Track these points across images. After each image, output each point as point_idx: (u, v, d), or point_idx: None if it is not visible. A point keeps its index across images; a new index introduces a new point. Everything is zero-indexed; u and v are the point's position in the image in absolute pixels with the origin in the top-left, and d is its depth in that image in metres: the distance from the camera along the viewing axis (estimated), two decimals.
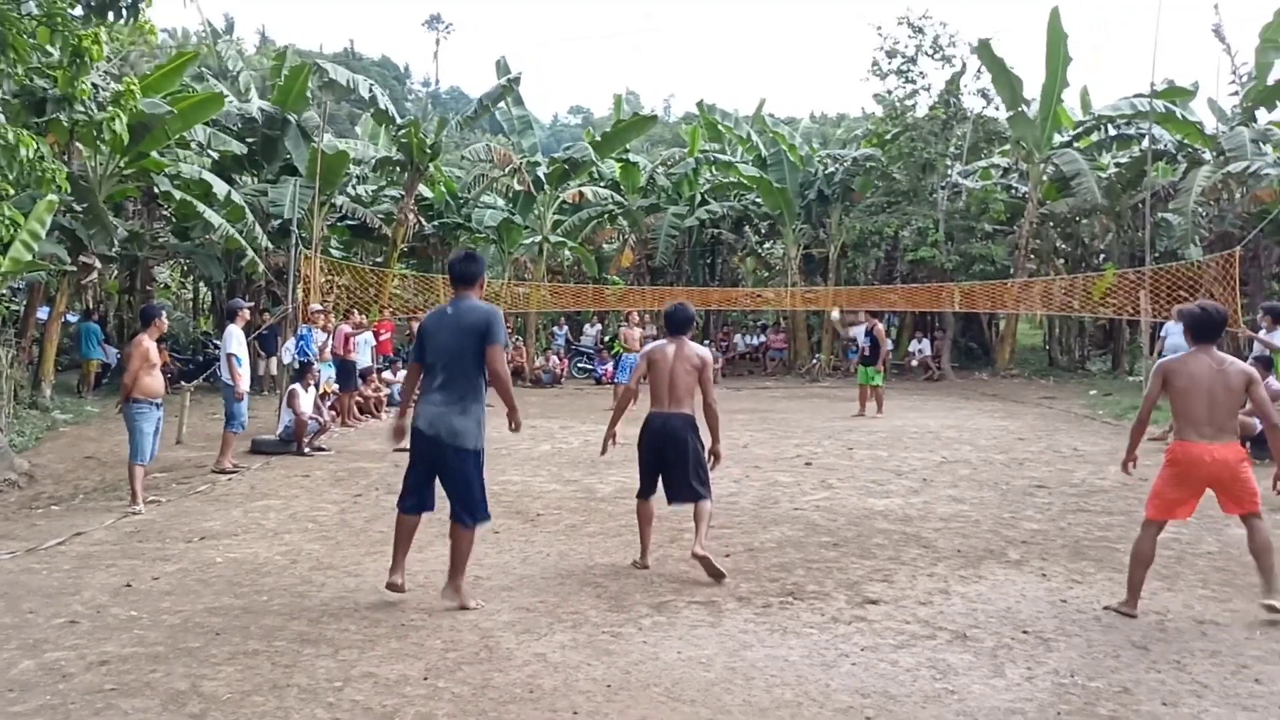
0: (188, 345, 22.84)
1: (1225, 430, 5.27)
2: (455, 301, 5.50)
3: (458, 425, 5.31)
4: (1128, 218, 23.63)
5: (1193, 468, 5.28)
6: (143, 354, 8.42)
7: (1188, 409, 5.29)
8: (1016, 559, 6.61)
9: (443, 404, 5.33)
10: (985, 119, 24.90)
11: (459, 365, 5.35)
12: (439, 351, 5.41)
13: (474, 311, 5.41)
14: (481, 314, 5.39)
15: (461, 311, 5.42)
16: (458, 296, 5.52)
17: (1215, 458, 5.21)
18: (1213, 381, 5.25)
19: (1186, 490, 5.36)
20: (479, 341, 5.32)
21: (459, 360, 5.35)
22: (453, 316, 5.44)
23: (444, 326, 5.45)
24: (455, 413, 5.31)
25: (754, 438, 13.12)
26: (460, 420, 5.31)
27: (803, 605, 5.55)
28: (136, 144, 15.31)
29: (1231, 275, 15.53)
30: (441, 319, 5.51)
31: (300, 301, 14.52)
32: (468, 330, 5.34)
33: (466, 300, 5.48)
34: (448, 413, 5.31)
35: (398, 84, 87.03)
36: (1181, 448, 5.32)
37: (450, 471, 5.37)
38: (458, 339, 5.36)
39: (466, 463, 5.35)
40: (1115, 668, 4.56)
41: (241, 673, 4.46)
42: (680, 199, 28.71)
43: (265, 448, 11.63)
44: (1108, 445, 12.26)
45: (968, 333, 28.14)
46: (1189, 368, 5.33)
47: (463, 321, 5.38)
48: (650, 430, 6.43)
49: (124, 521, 7.89)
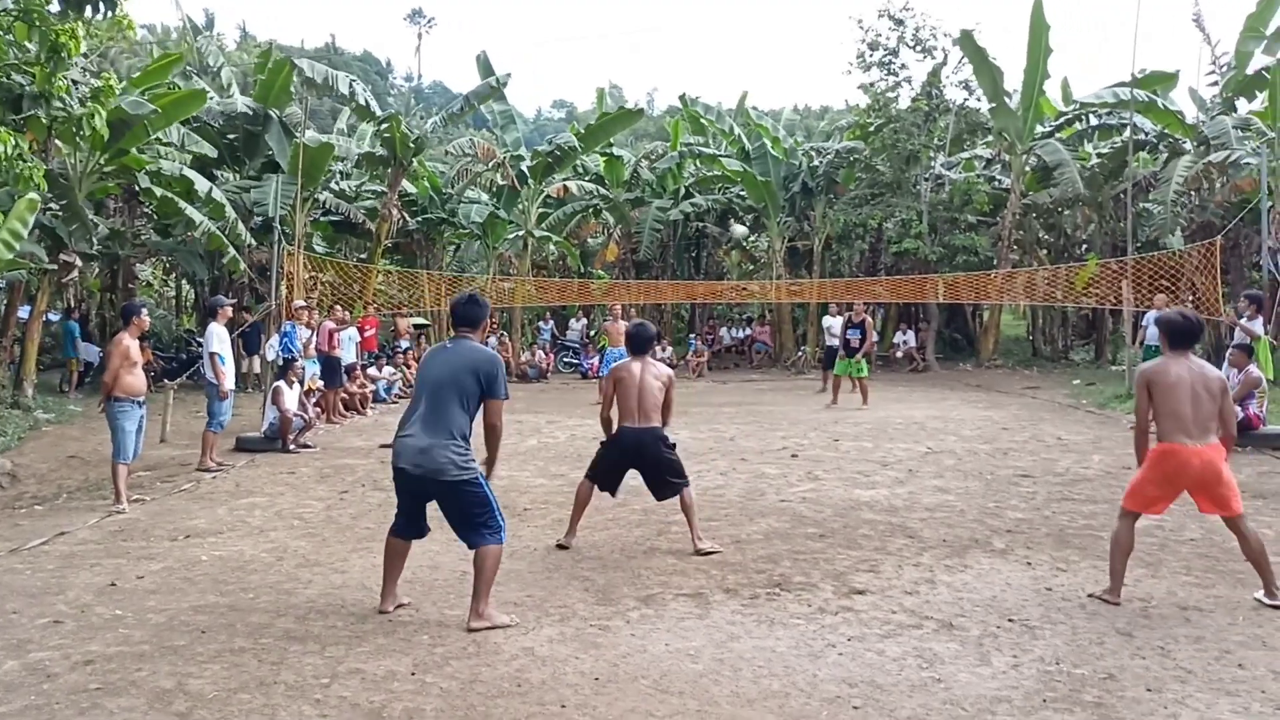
0: (170, 343, 22.71)
1: (1209, 431, 5.29)
2: (458, 340, 5.31)
3: (446, 456, 4.99)
4: (1110, 208, 23.77)
5: (1181, 469, 5.29)
6: (122, 352, 8.37)
7: (1174, 411, 5.28)
8: (1001, 548, 6.64)
9: (425, 436, 5.02)
10: (968, 110, 24.98)
11: (447, 399, 5.06)
12: (429, 384, 5.16)
13: (476, 352, 5.18)
14: (484, 358, 5.16)
15: (461, 349, 5.20)
16: (460, 335, 5.33)
17: (1203, 460, 5.24)
18: (1194, 382, 5.28)
19: (1168, 490, 5.39)
20: (474, 382, 5.08)
21: (448, 392, 5.07)
22: (450, 352, 5.23)
23: (437, 360, 5.25)
24: (440, 445, 4.99)
25: (740, 430, 13.15)
26: (447, 452, 4.99)
27: (790, 596, 5.57)
28: (117, 141, 15.18)
29: (1213, 264, 15.64)
30: (438, 353, 5.34)
31: (284, 298, 14.45)
32: (464, 367, 5.10)
33: (466, 341, 5.27)
34: (433, 446, 4.98)
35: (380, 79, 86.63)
36: (1169, 450, 5.31)
37: (447, 504, 5.12)
38: (450, 372, 5.11)
39: (473, 495, 5.07)
40: (1100, 654, 4.60)
41: (228, 670, 4.44)
42: (664, 192, 28.69)
43: (250, 445, 11.58)
44: (1091, 434, 12.33)
45: (952, 324, 28.24)
46: (1171, 370, 5.34)
47: (462, 357, 5.14)
48: (622, 445, 6.80)
49: (108, 520, 7.84)
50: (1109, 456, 10.49)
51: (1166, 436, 5.33)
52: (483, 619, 5.01)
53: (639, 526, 7.42)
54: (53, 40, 9.38)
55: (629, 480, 6.83)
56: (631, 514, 7.84)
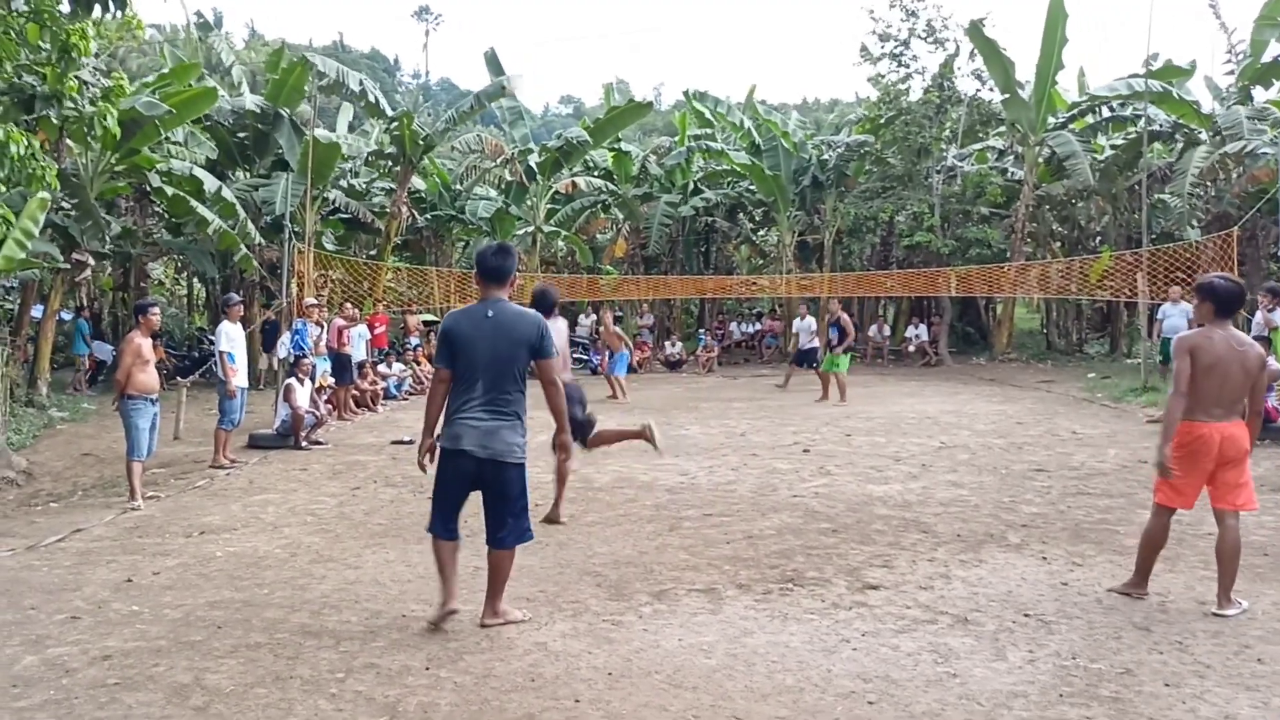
0: (183, 341, 22.81)
1: (1233, 411, 5.12)
2: (491, 303, 4.90)
3: (511, 439, 4.82)
4: (1124, 199, 23.61)
5: (1201, 447, 5.09)
6: (134, 350, 8.42)
7: (1203, 387, 5.07)
8: (1017, 543, 6.61)
9: (491, 419, 4.78)
10: (980, 102, 24.83)
11: (504, 378, 4.80)
12: (479, 361, 4.80)
13: (522, 320, 4.87)
14: (530, 324, 4.86)
15: (505, 318, 4.84)
16: (491, 297, 4.93)
17: (1224, 435, 5.06)
18: (1231, 361, 5.06)
19: (1194, 474, 5.16)
20: (526, 353, 4.83)
21: (504, 372, 4.80)
22: (493, 322, 4.82)
23: (482, 332, 4.82)
24: (507, 427, 4.80)
25: (751, 425, 13.12)
26: (512, 435, 4.82)
27: (803, 591, 5.55)
28: (128, 140, 15.24)
29: (1229, 256, 15.53)
30: (478, 324, 4.86)
31: (295, 296, 14.49)
32: (518, 340, 4.81)
33: (505, 304, 4.92)
34: (500, 428, 4.78)
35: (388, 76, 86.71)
36: (1189, 428, 5.11)
37: (502, 492, 4.86)
38: (505, 348, 4.80)
39: (520, 478, 4.90)
40: (1117, 649, 4.57)
41: (244, 665, 4.45)
42: (673, 187, 28.65)
43: (263, 442, 11.62)
44: (1107, 428, 12.27)
45: (965, 317, 28.14)
46: (1214, 345, 5.10)
47: (510, 331, 4.81)
48: None
49: (123, 517, 7.88)
50: (1125, 450, 10.43)
51: (1187, 414, 5.13)
52: (498, 615, 4.95)
53: (650, 522, 7.41)
54: (63, 41, 9.41)
55: (640, 476, 6.83)
56: (643, 509, 7.84)
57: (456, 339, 4.86)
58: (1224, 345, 5.11)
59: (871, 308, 28.03)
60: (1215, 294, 5.20)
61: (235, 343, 10.47)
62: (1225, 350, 5.09)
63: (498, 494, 4.87)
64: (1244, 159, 19.07)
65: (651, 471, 9.59)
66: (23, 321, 15.92)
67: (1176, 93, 21.52)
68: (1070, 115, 23.81)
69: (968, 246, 23.45)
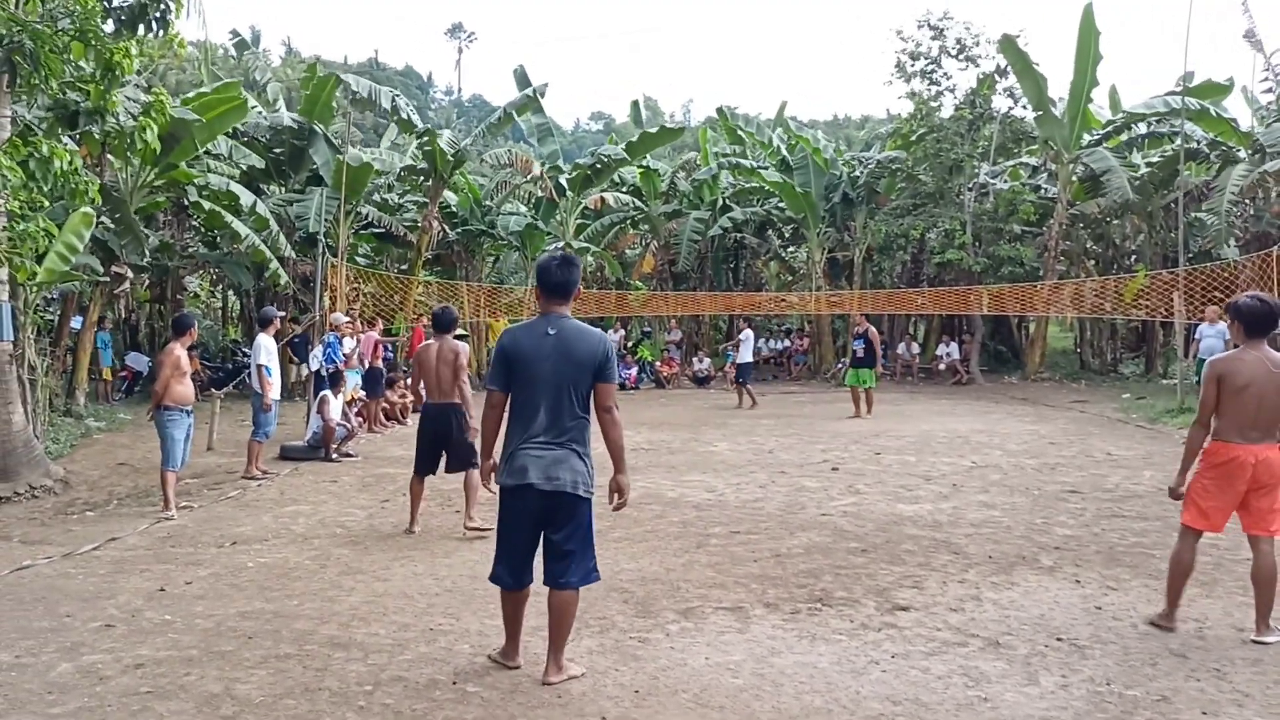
0: (217, 353, 23.08)
1: (1269, 435, 5.01)
2: (553, 319, 4.48)
3: (579, 468, 4.42)
4: (1160, 218, 23.33)
5: (1235, 469, 5.00)
6: (173, 362, 8.53)
7: (1237, 410, 4.99)
8: (1049, 565, 6.53)
9: (556, 447, 4.38)
10: (1012, 119, 24.67)
11: (567, 402, 4.40)
12: (539, 384, 4.40)
13: (585, 339, 4.43)
14: (595, 344, 4.44)
15: (568, 336, 4.42)
16: (553, 312, 4.50)
17: (1259, 458, 4.97)
18: (1266, 383, 4.96)
19: (1225, 496, 5.08)
20: (591, 376, 4.42)
21: (567, 396, 4.40)
22: (555, 341, 4.40)
23: (544, 353, 4.40)
24: (575, 455, 4.41)
25: (780, 443, 13.07)
26: (580, 463, 4.43)
27: (831, 612, 5.51)
28: (166, 155, 15.48)
29: (1269, 276, 15.30)
30: (539, 342, 4.42)
31: (326, 309, 14.64)
32: (581, 362, 4.40)
33: (568, 320, 4.49)
34: (566, 457, 4.38)
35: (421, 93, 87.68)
36: (1223, 448, 5.04)
37: (569, 526, 4.44)
38: (567, 370, 4.39)
39: (587, 513, 4.50)
40: (1153, 676, 4.49)
41: (274, 676, 4.48)
42: (702, 204, 28.69)
43: (294, 454, 11.72)
44: (1142, 450, 12.11)
45: (997, 336, 27.88)
46: (1246, 367, 5.00)
47: (572, 351, 4.39)
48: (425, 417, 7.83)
49: (157, 527, 7.98)
50: (1160, 472, 10.27)
51: (1220, 435, 5.06)
52: (562, 671, 4.47)
53: (677, 539, 7.39)
54: (107, 59, 9.59)
55: (666, 492, 6.86)
56: (670, 526, 7.82)
57: (515, 359, 4.44)
58: (1259, 366, 5.00)
59: (902, 325, 27.87)
60: (1242, 314, 5.12)
61: (272, 356, 10.60)
62: (1260, 372, 4.99)
63: (563, 530, 4.44)
64: None
65: (679, 488, 9.57)
66: (62, 333, 16.19)
67: (1214, 110, 21.28)
68: (1105, 132, 23.61)
69: (1000, 264, 23.25)
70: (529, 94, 23.06)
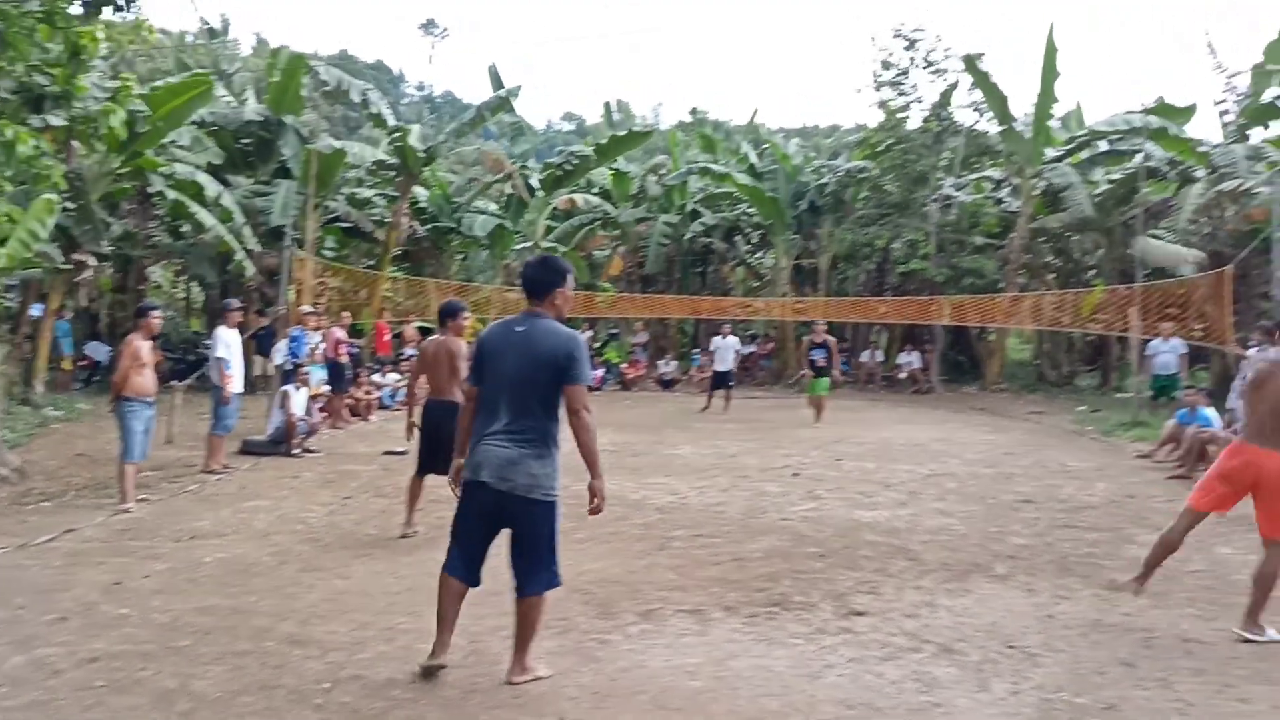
0: (179, 345, 22.80)
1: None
2: (527, 317, 4.48)
3: (535, 470, 4.33)
4: (1118, 234, 23.76)
5: (1251, 469, 5.28)
6: (133, 353, 8.44)
7: (1265, 414, 5.26)
8: (1003, 573, 6.65)
9: (512, 446, 4.32)
10: (977, 133, 25.03)
11: (528, 401, 4.35)
12: (503, 380, 4.38)
13: (551, 336, 4.37)
14: (560, 341, 4.35)
15: (535, 332, 4.40)
16: (530, 311, 4.51)
17: (1277, 466, 5.22)
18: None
19: (1236, 487, 5.39)
20: (555, 375, 4.34)
21: (527, 394, 4.35)
22: (522, 336, 4.41)
23: (510, 348, 4.41)
24: (530, 456, 4.33)
25: (742, 447, 13.16)
26: (538, 464, 4.34)
27: (789, 616, 5.58)
28: (132, 143, 15.29)
29: (1223, 293, 15.64)
30: (508, 337, 4.46)
31: (292, 303, 14.53)
32: (542, 359, 4.33)
33: (541, 319, 4.45)
34: (522, 457, 4.32)
35: (392, 87, 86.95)
36: (1242, 448, 5.35)
37: (525, 530, 4.39)
38: (528, 368, 4.34)
39: (547, 517, 4.40)
40: (1101, 684, 4.60)
41: (230, 672, 4.47)
42: (671, 207, 28.80)
43: (255, 448, 11.62)
44: (1096, 462, 12.32)
45: (957, 346, 28.22)
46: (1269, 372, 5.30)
47: (536, 346, 4.36)
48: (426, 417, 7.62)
49: (114, 519, 7.89)
50: (1113, 484, 10.48)
51: (1246, 436, 5.37)
52: (526, 671, 4.47)
53: (640, 541, 7.43)
54: (74, 42, 9.48)
55: (630, 494, 6.87)
56: (633, 528, 7.86)
57: (484, 353, 4.51)
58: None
59: (865, 333, 28.13)
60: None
61: (232, 349, 10.50)
62: None
63: (519, 534, 4.40)
64: (1239, 197, 19.21)
65: (642, 490, 9.62)
66: (21, 320, 15.93)
67: (1173, 130, 21.71)
68: (1067, 149, 24.00)
69: (962, 276, 23.56)
70: (502, 95, 23.04)
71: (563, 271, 4.62)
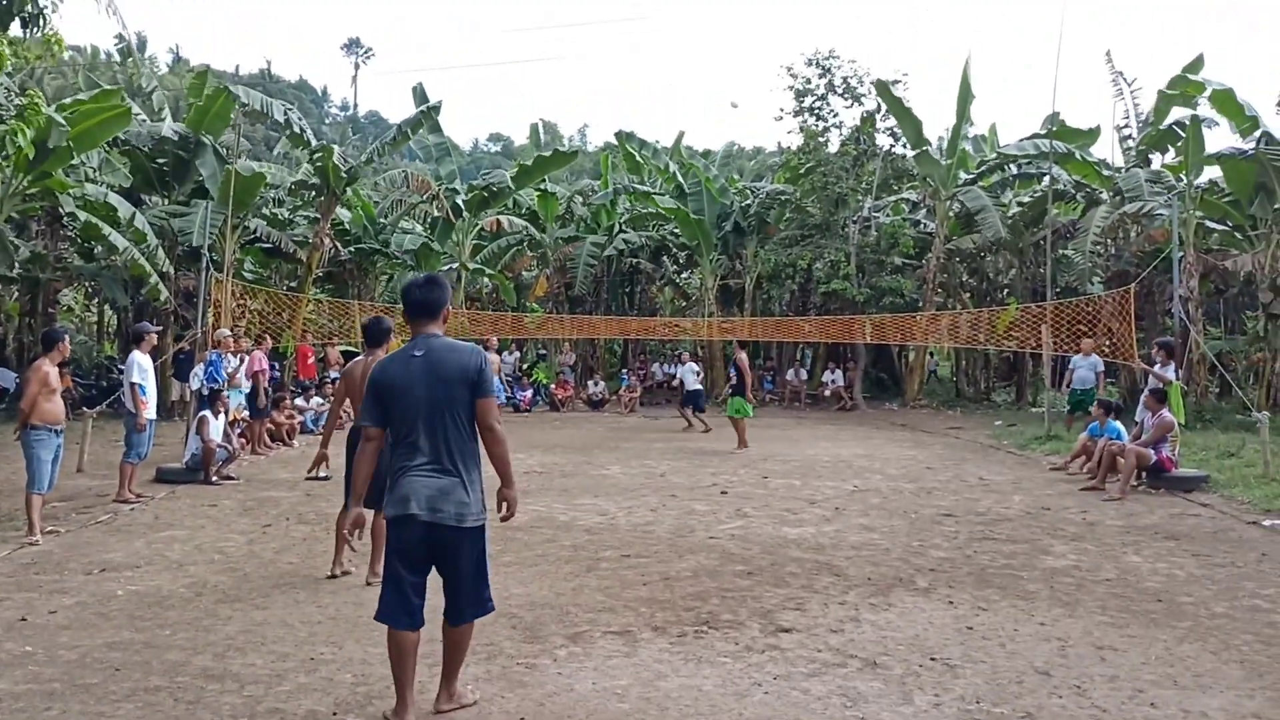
0: (90, 370, 22.09)
1: None
2: (420, 340, 4.31)
3: (464, 498, 4.17)
4: (1030, 254, 24.55)
5: None
6: (41, 378, 8.14)
7: None
8: (925, 587, 6.77)
9: (439, 475, 4.17)
10: (894, 156, 25.67)
11: (446, 424, 4.18)
12: (415, 411, 4.19)
13: (455, 354, 4.24)
14: (465, 358, 4.23)
15: (436, 354, 4.22)
16: (421, 333, 4.35)
17: None
18: None
19: None
20: (468, 392, 4.19)
21: (444, 418, 4.18)
22: (423, 361, 4.22)
23: (414, 377, 4.21)
24: (459, 484, 4.17)
25: (671, 466, 13.21)
26: (465, 491, 4.18)
27: (717, 634, 5.61)
28: (40, 162, 14.82)
29: (1127, 311, 16.25)
30: (408, 366, 4.24)
31: (210, 326, 14.19)
32: (452, 378, 4.18)
33: (437, 338, 4.31)
34: (452, 485, 4.16)
35: (315, 107, 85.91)
36: None
37: (459, 561, 4.23)
38: (441, 390, 4.17)
39: (477, 546, 4.26)
40: (1019, 693, 4.71)
41: (142, 710, 4.32)
42: (599, 228, 28.89)
43: (171, 476, 11.29)
44: (1012, 475, 12.65)
45: (878, 364, 28.78)
46: None
47: (442, 368, 4.19)
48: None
49: (20, 553, 7.57)
50: (1029, 497, 10.77)
51: None
52: (454, 699, 4.38)
53: (568, 563, 7.40)
54: None
55: (559, 515, 6.83)
56: (561, 550, 7.82)
57: (386, 389, 4.25)
58: None
59: (790, 352, 28.53)
60: None
61: (146, 374, 10.19)
62: None
63: (453, 564, 4.24)
64: (1141, 219, 20.03)
65: (570, 511, 9.58)
66: None
67: (1079, 154, 22.55)
68: (979, 172, 24.76)
69: (882, 295, 24.09)
70: (424, 109, 22.91)
71: (448, 287, 4.53)
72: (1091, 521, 9.26)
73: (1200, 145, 18.90)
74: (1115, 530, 8.83)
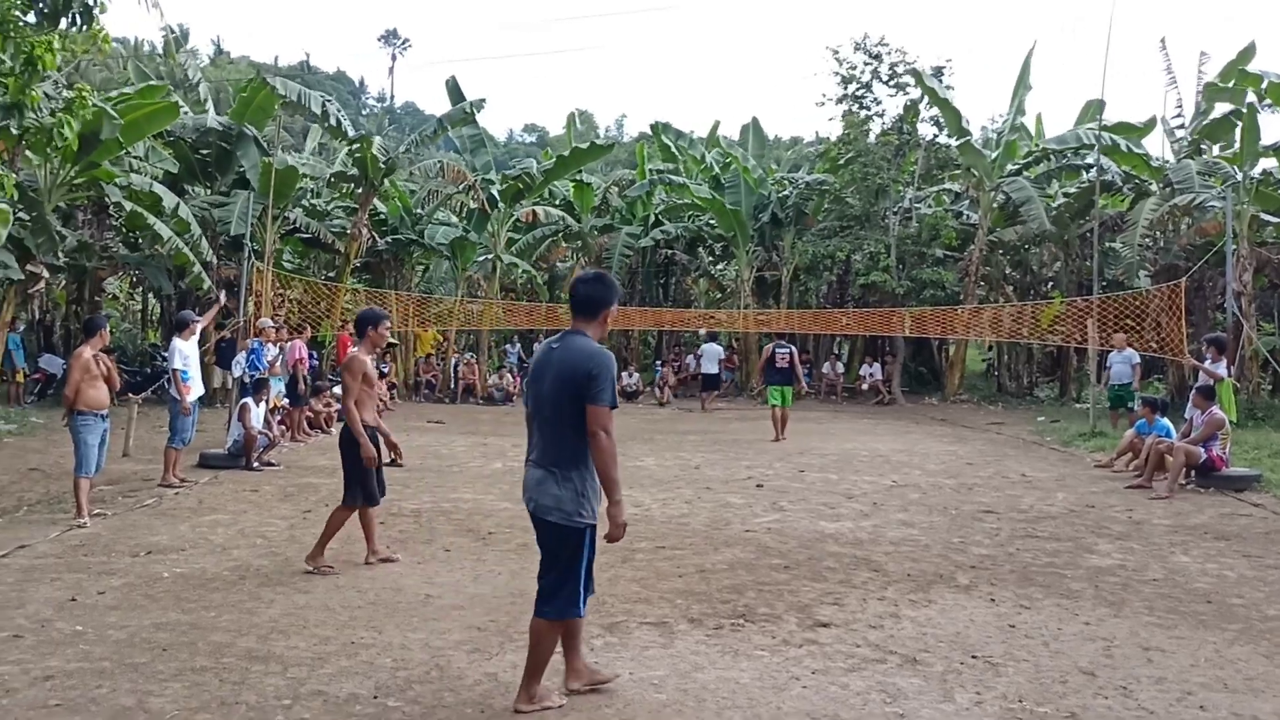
0: (135, 357, 22.45)
1: None
2: (565, 335, 4.42)
3: (556, 492, 4.27)
4: (1076, 247, 24.17)
5: None
6: (82, 365, 8.29)
7: None
8: (966, 584, 6.70)
9: (539, 468, 4.33)
10: (937, 146, 25.35)
11: (555, 422, 4.28)
12: (538, 401, 4.37)
13: (575, 356, 4.26)
14: (582, 359, 4.23)
15: (566, 352, 4.31)
16: (574, 328, 4.42)
17: None
18: None
19: None
20: (579, 393, 4.19)
21: (556, 415, 4.27)
22: (557, 355, 4.34)
23: (543, 369, 4.37)
24: (553, 478, 4.27)
25: (705, 459, 13.18)
26: (559, 488, 4.26)
27: (754, 627, 5.58)
28: (88, 153, 15.06)
29: (1177, 305, 15.94)
30: (547, 357, 4.39)
31: (251, 315, 14.37)
32: (565, 377, 4.23)
33: (576, 338, 4.35)
34: (545, 479, 4.29)
35: (353, 99, 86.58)
36: None
37: (545, 551, 4.38)
38: (555, 388, 4.26)
39: (566, 542, 4.31)
40: (1063, 693, 4.64)
41: (189, 689, 4.38)
42: (634, 219, 28.85)
43: (214, 462, 11.46)
44: (1055, 472, 12.47)
45: (918, 358, 28.51)
46: None
47: (563, 365, 4.27)
48: None
49: (69, 535, 7.72)
50: (1072, 494, 10.61)
51: None
52: (533, 701, 4.30)
53: (603, 553, 7.36)
54: (28, 52, 9.29)
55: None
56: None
57: (530, 375, 4.53)
58: None
59: (827, 345, 28.34)
60: None
61: (189, 360, 10.35)
62: None
63: (543, 553, 4.39)
64: (1192, 211, 19.62)
65: None
66: None
67: (1128, 146, 22.14)
68: (1025, 162, 24.38)
69: (922, 287, 23.82)
70: (464, 109, 22.97)
71: (616, 289, 4.55)
72: (1138, 520, 9.11)
73: (1256, 135, 18.46)
74: (1163, 529, 8.68)
